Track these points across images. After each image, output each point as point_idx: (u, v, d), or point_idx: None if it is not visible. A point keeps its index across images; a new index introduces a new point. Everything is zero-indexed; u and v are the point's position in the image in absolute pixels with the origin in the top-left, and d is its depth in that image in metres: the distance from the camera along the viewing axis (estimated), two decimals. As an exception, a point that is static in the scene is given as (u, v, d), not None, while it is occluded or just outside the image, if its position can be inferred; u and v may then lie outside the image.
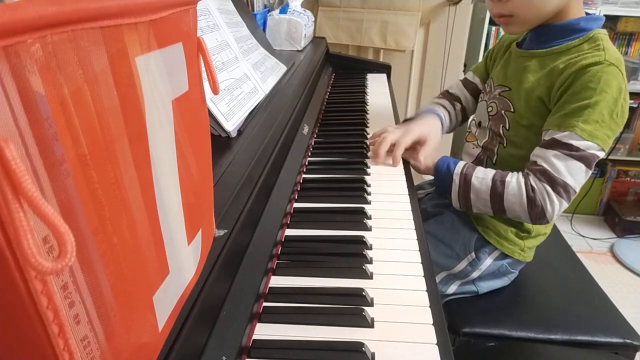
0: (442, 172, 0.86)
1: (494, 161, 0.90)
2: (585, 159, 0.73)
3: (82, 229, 0.22)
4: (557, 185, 0.73)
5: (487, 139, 0.92)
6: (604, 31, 0.78)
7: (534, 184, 0.75)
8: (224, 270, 0.47)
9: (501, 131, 0.88)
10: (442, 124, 1.00)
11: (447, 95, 1.09)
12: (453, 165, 0.84)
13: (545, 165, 0.74)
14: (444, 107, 1.06)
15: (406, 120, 1.01)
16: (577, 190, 0.75)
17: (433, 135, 0.95)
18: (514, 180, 0.77)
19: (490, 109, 0.91)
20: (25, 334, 0.20)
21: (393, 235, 0.67)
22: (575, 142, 0.73)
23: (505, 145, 0.88)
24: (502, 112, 0.87)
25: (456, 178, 0.83)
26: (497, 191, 0.78)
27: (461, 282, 0.91)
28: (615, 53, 0.75)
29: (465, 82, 1.08)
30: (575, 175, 0.73)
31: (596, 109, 0.72)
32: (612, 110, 0.72)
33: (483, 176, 0.80)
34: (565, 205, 0.75)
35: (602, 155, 0.74)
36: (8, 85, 0.17)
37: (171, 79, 0.30)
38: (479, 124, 0.95)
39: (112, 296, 0.24)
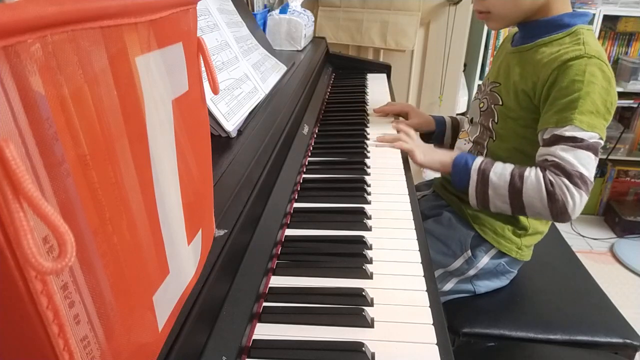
0: (459, 168, 0.85)
1: (484, 155, 0.91)
2: (591, 148, 0.73)
3: (82, 229, 0.22)
4: (574, 177, 0.73)
5: (477, 133, 0.93)
6: (588, 27, 0.80)
7: (552, 179, 0.74)
8: (224, 271, 0.47)
9: (490, 125, 0.89)
10: (435, 119, 1.15)
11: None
12: (471, 160, 0.84)
13: (557, 160, 0.74)
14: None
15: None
16: (592, 179, 0.74)
17: (418, 117, 1.15)
18: (533, 175, 0.76)
19: (481, 105, 0.93)
20: (25, 334, 0.20)
21: (393, 235, 0.67)
22: (578, 134, 0.73)
23: (494, 138, 0.89)
24: (492, 106, 0.89)
25: (474, 174, 0.82)
26: (515, 186, 0.77)
27: (458, 279, 0.91)
28: (595, 46, 0.75)
29: None
30: (587, 164, 0.73)
31: (587, 99, 0.73)
32: (605, 99, 0.73)
33: (501, 171, 0.79)
34: (585, 197, 0.74)
35: (602, 143, 0.75)
36: (8, 85, 0.17)
37: (171, 79, 0.30)
38: (471, 121, 0.97)
39: (112, 296, 0.24)
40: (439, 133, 1.14)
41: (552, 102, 0.76)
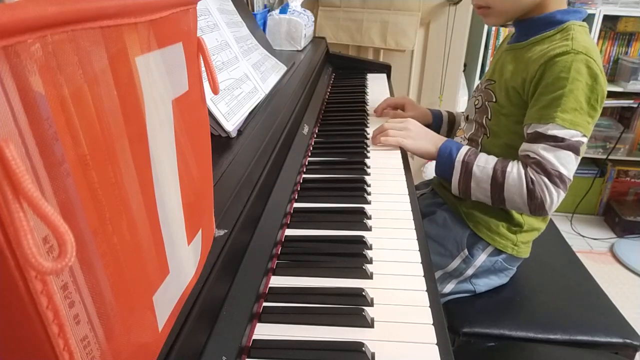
0: (444, 157, 0.87)
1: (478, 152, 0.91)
2: (572, 147, 0.75)
3: (82, 229, 0.22)
4: (553, 176, 0.75)
5: (472, 130, 0.94)
6: (581, 23, 0.80)
7: (532, 177, 0.77)
8: (224, 271, 0.47)
9: (484, 121, 0.90)
10: (432, 113, 1.15)
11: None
12: (455, 151, 0.85)
13: (538, 158, 0.76)
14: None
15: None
16: (571, 178, 0.77)
17: (414, 109, 1.15)
18: (515, 171, 0.78)
19: (476, 102, 0.94)
20: (25, 334, 0.20)
21: (393, 235, 0.67)
22: (559, 133, 0.74)
23: (488, 135, 0.90)
24: (486, 103, 0.90)
25: (457, 165, 0.84)
26: (497, 181, 0.80)
27: (457, 280, 0.91)
28: (584, 42, 0.76)
29: None
30: (567, 164, 0.75)
31: (571, 97, 0.73)
32: (589, 97, 0.74)
33: (484, 165, 0.82)
34: (563, 195, 0.77)
35: (585, 141, 0.76)
36: (8, 85, 0.17)
37: (171, 79, 0.30)
38: (467, 118, 0.98)
39: (112, 296, 0.24)
40: (435, 127, 1.14)
41: (537, 98, 0.77)
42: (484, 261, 0.89)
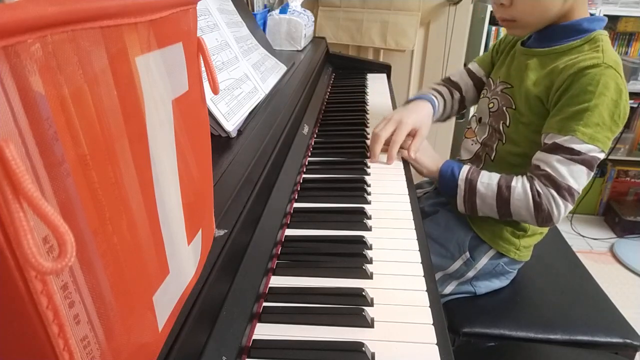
0: (446, 178, 0.86)
1: (492, 158, 0.90)
2: (586, 162, 0.74)
3: (82, 229, 0.22)
4: (562, 190, 0.74)
5: (486, 135, 0.92)
6: (605, 32, 0.79)
7: (539, 189, 0.76)
8: (224, 270, 0.47)
9: (501, 127, 0.88)
10: (434, 111, 0.98)
11: (448, 82, 1.08)
12: (457, 170, 0.84)
13: (549, 170, 0.75)
14: (440, 94, 1.04)
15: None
16: (580, 191, 0.76)
17: (425, 124, 0.94)
18: (520, 186, 0.77)
19: (491, 105, 0.91)
20: (25, 334, 0.20)
21: (393, 235, 0.67)
22: (577, 146, 0.73)
23: (504, 142, 0.88)
24: (504, 108, 0.87)
25: (461, 184, 0.83)
26: (503, 197, 0.79)
27: (458, 282, 0.91)
28: (614, 55, 0.75)
29: (469, 72, 1.07)
30: (578, 178, 0.74)
31: (595, 111, 0.72)
32: (612, 112, 0.73)
33: (488, 181, 0.80)
34: (570, 207, 0.76)
35: (602, 156, 0.75)
36: (8, 85, 0.17)
37: (171, 79, 0.30)
38: (479, 120, 0.95)
39: (112, 296, 0.24)
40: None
41: (561, 109, 0.75)
42: (485, 264, 0.89)
